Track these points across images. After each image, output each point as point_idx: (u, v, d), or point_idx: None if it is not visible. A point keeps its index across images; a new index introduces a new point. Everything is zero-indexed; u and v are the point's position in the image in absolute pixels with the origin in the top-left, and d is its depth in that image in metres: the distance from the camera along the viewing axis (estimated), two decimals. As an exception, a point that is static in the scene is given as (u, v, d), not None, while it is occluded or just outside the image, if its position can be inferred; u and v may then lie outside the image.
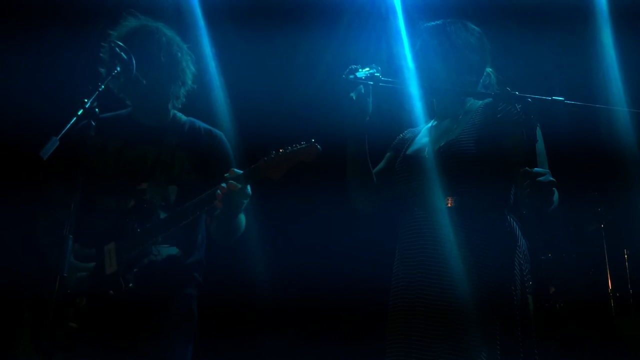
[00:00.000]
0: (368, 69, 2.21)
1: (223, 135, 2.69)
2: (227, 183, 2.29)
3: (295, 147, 2.30)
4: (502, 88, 2.03)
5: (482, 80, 2.41)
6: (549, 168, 2.09)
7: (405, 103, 2.41)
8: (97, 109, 2.02)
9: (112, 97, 2.52)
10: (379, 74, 2.21)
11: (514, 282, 2.14)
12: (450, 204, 2.22)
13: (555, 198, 2.04)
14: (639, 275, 5.13)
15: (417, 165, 2.32)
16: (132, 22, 2.55)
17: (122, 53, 2.23)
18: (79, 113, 1.97)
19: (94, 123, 2.01)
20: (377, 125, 2.38)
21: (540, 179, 1.88)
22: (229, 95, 4.10)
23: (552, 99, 1.92)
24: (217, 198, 2.30)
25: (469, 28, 2.40)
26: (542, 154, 2.15)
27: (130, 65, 2.23)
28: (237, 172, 2.33)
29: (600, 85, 4.51)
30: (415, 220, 2.29)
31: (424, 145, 2.37)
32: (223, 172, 2.37)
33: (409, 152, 2.41)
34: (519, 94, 1.97)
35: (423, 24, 2.41)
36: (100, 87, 2.08)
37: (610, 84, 4.46)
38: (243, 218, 2.55)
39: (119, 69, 2.21)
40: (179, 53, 2.58)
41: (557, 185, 1.95)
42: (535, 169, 1.88)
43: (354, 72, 2.21)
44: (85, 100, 2.00)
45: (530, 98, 1.93)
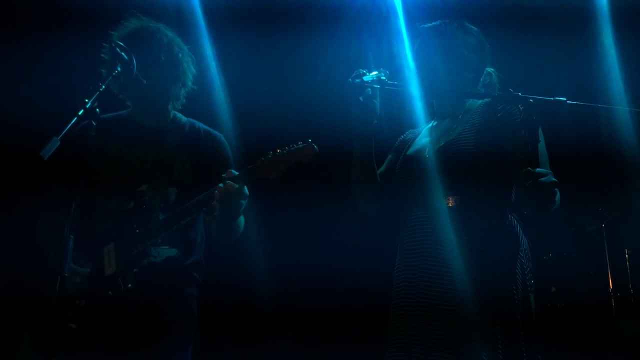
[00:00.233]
0: (376, 73, 2.22)
1: (223, 137, 2.69)
2: (224, 183, 2.29)
3: (292, 147, 2.30)
4: (503, 88, 2.03)
5: (482, 80, 2.42)
6: (550, 168, 2.09)
7: (406, 104, 2.41)
8: (97, 109, 2.02)
9: (112, 97, 2.52)
10: (385, 78, 2.22)
11: (515, 281, 2.14)
12: (451, 204, 2.22)
13: (557, 198, 2.04)
14: (640, 275, 5.13)
15: (417, 166, 2.32)
16: (133, 22, 2.55)
17: (122, 53, 2.23)
18: (80, 113, 1.96)
19: (95, 123, 2.00)
20: (379, 128, 2.38)
21: (543, 180, 1.88)
22: (230, 96, 4.09)
23: (554, 100, 1.92)
24: (214, 198, 2.30)
25: (467, 28, 2.40)
26: (543, 155, 2.15)
27: (131, 65, 2.23)
28: (234, 172, 2.33)
29: (601, 86, 4.51)
30: (416, 220, 2.29)
31: (425, 146, 2.37)
32: (222, 173, 2.36)
33: (410, 152, 2.41)
34: (521, 95, 1.97)
35: (421, 25, 2.41)
36: (101, 87, 2.07)
37: (611, 85, 4.45)
38: (242, 218, 2.54)
39: (120, 69, 2.21)
40: (180, 54, 2.58)
41: (558, 186, 1.95)
42: (538, 170, 1.88)
43: (361, 75, 2.22)
44: (86, 100, 2.00)
45: (532, 99, 1.93)
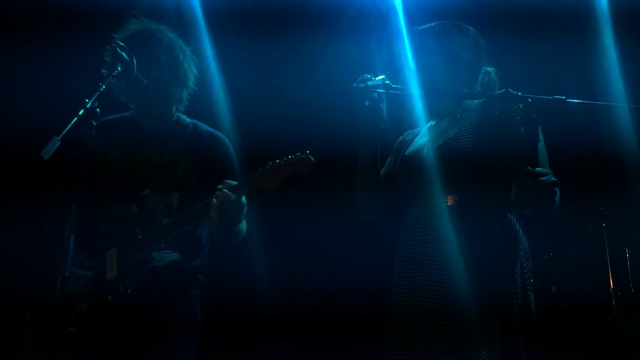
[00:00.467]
0: (382, 77, 2.22)
1: (226, 138, 2.67)
2: (221, 193, 2.29)
3: (290, 158, 2.29)
4: (503, 87, 2.03)
5: (480, 79, 2.42)
6: (550, 167, 2.09)
7: (407, 105, 2.41)
8: (98, 109, 2.02)
9: (116, 100, 2.52)
10: (389, 81, 2.22)
11: (515, 280, 2.14)
12: (450, 203, 2.22)
13: (557, 198, 2.04)
14: (641, 274, 5.13)
15: (416, 165, 2.32)
16: (135, 24, 2.56)
17: (123, 53, 2.24)
18: (80, 113, 1.96)
19: (95, 123, 2.00)
20: (385, 131, 2.38)
21: (542, 179, 1.88)
22: (230, 97, 4.09)
23: (553, 98, 1.93)
24: (212, 207, 2.29)
25: (462, 27, 2.40)
26: (543, 154, 2.14)
27: (132, 65, 2.23)
28: (231, 183, 2.32)
29: (602, 87, 4.51)
30: (415, 220, 2.29)
31: (423, 145, 2.37)
32: (226, 176, 2.36)
33: (408, 152, 2.41)
34: (521, 94, 1.97)
35: (416, 28, 2.41)
36: (102, 87, 2.07)
37: (612, 85, 4.46)
38: (244, 223, 2.53)
39: (120, 69, 2.21)
40: (181, 55, 2.57)
41: (558, 185, 1.95)
42: (538, 169, 1.88)
43: (366, 80, 2.22)
44: (87, 100, 2.00)
45: (531, 98, 1.93)
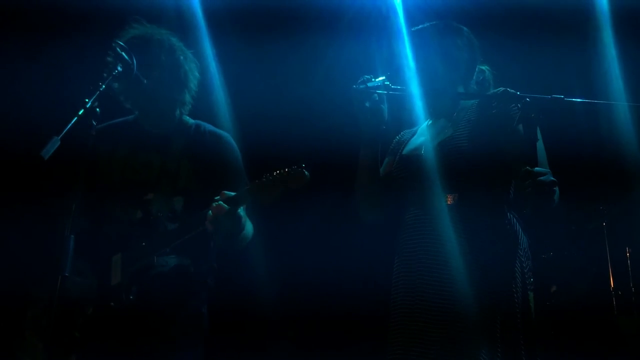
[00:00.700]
0: (383, 78, 2.23)
1: (229, 137, 2.63)
2: (216, 204, 2.23)
3: (284, 172, 2.19)
4: (499, 85, 2.04)
5: (474, 77, 2.42)
6: (550, 166, 2.10)
7: (405, 104, 2.41)
8: (98, 109, 2.02)
9: (118, 105, 2.52)
10: (389, 82, 2.23)
11: (515, 279, 2.14)
12: (450, 202, 2.22)
13: (556, 197, 2.04)
14: (641, 274, 5.12)
15: (414, 165, 2.32)
16: (137, 28, 2.54)
17: (123, 53, 2.23)
18: (80, 113, 1.97)
19: (95, 123, 2.01)
20: (386, 132, 2.38)
21: (542, 179, 1.88)
22: (230, 97, 4.09)
23: (551, 97, 1.93)
24: (207, 219, 2.24)
25: (455, 27, 2.41)
26: (542, 153, 2.15)
27: (131, 65, 2.23)
28: (228, 194, 2.26)
29: (602, 86, 4.51)
30: (415, 219, 2.29)
31: (421, 144, 2.37)
32: (230, 177, 2.34)
33: (406, 152, 2.41)
34: (519, 94, 1.98)
35: (410, 29, 2.42)
36: (101, 86, 2.07)
37: (611, 85, 4.46)
38: (250, 227, 2.49)
39: (120, 69, 2.21)
40: (182, 56, 2.55)
41: (557, 185, 1.95)
42: (537, 169, 1.88)
43: (366, 82, 2.23)
44: (87, 100, 2.00)
45: (529, 97, 1.94)
